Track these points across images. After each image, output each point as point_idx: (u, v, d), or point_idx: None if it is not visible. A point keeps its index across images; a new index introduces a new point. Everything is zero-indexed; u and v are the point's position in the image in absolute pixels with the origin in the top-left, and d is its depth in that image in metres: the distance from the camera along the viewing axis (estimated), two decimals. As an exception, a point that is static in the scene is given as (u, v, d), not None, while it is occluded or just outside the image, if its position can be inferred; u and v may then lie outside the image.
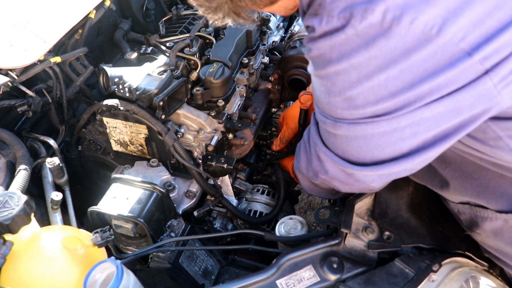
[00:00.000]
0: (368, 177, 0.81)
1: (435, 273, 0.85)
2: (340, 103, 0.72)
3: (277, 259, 0.88)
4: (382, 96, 0.66)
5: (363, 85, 0.66)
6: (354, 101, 0.69)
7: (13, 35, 1.09)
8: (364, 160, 0.78)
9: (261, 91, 1.56)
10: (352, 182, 0.84)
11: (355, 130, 0.74)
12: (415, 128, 0.69)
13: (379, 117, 0.69)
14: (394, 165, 0.76)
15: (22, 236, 0.78)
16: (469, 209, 0.86)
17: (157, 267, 1.03)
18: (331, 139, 0.81)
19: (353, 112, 0.71)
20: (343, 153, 0.81)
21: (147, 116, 1.10)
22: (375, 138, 0.73)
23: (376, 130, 0.71)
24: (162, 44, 1.32)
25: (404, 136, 0.71)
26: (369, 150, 0.76)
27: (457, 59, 0.60)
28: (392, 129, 0.70)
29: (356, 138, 0.75)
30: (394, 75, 0.63)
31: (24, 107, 1.12)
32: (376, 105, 0.68)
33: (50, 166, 1.07)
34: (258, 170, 1.60)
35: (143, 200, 1.05)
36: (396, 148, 0.73)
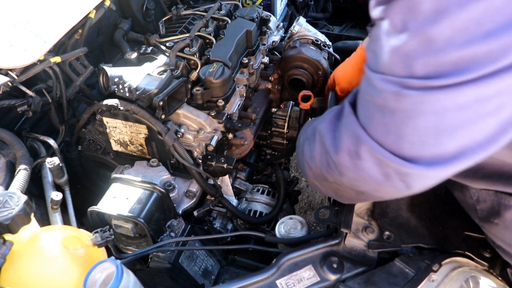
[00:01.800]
0: (424, 179, 0.64)
1: (435, 273, 0.85)
2: (415, 46, 0.53)
3: (277, 259, 0.88)
4: (473, 35, 0.49)
5: (450, 17, 0.49)
6: (434, 42, 0.51)
7: (13, 35, 1.09)
8: (422, 153, 0.60)
9: (261, 91, 1.56)
10: (394, 184, 0.65)
11: (427, 102, 0.55)
12: (503, 98, 0.53)
13: (464, 80, 0.52)
14: (461, 161, 0.59)
15: (22, 236, 0.78)
16: (494, 195, 0.78)
17: (157, 267, 1.03)
18: (384, 120, 0.61)
19: (431, 60, 0.53)
20: (396, 140, 0.61)
21: (147, 116, 1.10)
22: (451, 114, 0.55)
23: (455, 100, 0.54)
24: (162, 44, 1.32)
25: (485, 111, 0.54)
26: (436, 134, 0.58)
27: None
28: (476, 99, 0.53)
29: (425, 115, 0.57)
30: (496, 5, 0.46)
31: (24, 107, 1.12)
32: (463, 49, 0.50)
33: (50, 166, 1.07)
34: (258, 170, 1.60)
35: (143, 200, 1.05)
36: (471, 133, 0.57)
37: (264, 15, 1.52)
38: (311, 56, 1.43)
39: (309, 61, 1.44)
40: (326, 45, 1.57)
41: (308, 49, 1.46)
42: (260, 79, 1.57)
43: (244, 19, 1.44)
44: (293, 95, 1.54)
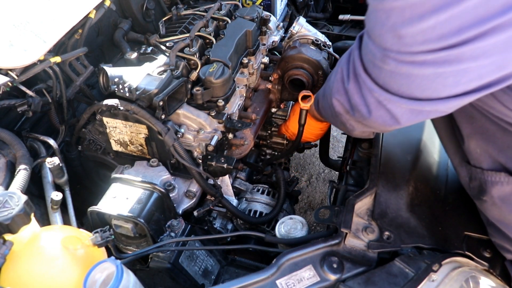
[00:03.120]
0: (401, 109, 0.84)
1: (435, 273, 0.85)
2: (389, 38, 0.74)
3: (277, 259, 0.88)
4: (429, 37, 0.67)
5: (414, 24, 0.67)
6: (403, 38, 0.71)
7: (13, 35, 1.09)
8: (401, 94, 0.81)
9: (261, 91, 1.56)
10: (381, 112, 0.87)
11: (401, 69, 0.76)
12: (459, 78, 0.71)
13: (425, 60, 0.71)
14: (430, 104, 0.79)
15: (22, 236, 0.78)
16: (481, 173, 0.88)
17: (157, 267, 1.03)
18: (375, 70, 0.84)
19: (401, 47, 0.73)
20: (383, 83, 0.83)
21: (147, 116, 1.10)
22: (418, 79, 0.75)
23: (421, 72, 0.73)
24: (162, 44, 1.32)
25: (446, 84, 0.73)
26: (409, 88, 0.79)
27: (510, 6, 0.60)
28: (436, 74, 0.72)
29: (400, 75, 0.78)
30: (444, 18, 0.64)
31: (24, 107, 1.12)
32: (423, 45, 0.69)
33: (50, 166, 1.07)
34: (258, 170, 1.60)
35: (143, 200, 1.05)
36: (435, 92, 0.76)
37: (264, 15, 1.52)
38: (311, 56, 1.43)
39: (309, 61, 1.44)
40: (326, 45, 1.57)
41: (308, 49, 1.46)
42: (260, 79, 1.57)
43: (244, 19, 1.44)
44: (293, 95, 1.54)
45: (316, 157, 2.81)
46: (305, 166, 2.80)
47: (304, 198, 2.58)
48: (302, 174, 2.75)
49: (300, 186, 2.64)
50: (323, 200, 2.57)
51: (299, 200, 2.51)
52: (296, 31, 1.58)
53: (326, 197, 2.52)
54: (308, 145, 1.76)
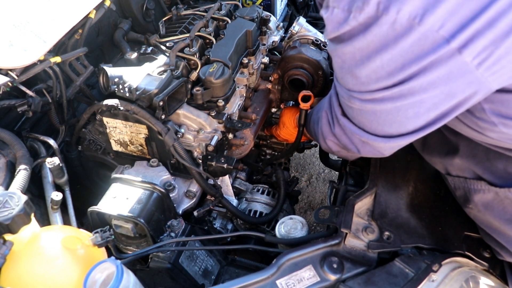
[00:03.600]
0: (381, 147, 0.93)
1: (435, 273, 0.85)
2: (349, 79, 0.83)
3: (277, 259, 0.88)
4: (380, 75, 0.76)
5: (365, 65, 0.76)
6: (359, 78, 0.80)
7: (13, 35, 1.09)
8: (376, 132, 0.90)
9: (261, 91, 1.56)
10: (367, 148, 0.97)
11: (366, 107, 0.84)
12: (417, 109, 0.78)
13: (384, 97, 0.79)
14: (402, 139, 0.88)
15: (22, 236, 0.78)
16: (464, 182, 0.96)
17: (157, 267, 1.03)
18: (349, 110, 0.94)
19: (361, 87, 0.82)
20: (358, 123, 0.93)
21: (147, 116, 1.10)
22: (383, 115, 0.83)
23: (383, 108, 0.81)
24: (162, 44, 1.32)
25: (408, 116, 0.81)
26: (379, 124, 0.87)
27: (438, 45, 0.67)
28: (396, 108, 0.80)
29: (367, 113, 0.86)
30: (388, 58, 0.72)
31: (24, 107, 1.12)
32: (377, 83, 0.77)
33: (50, 166, 1.07)
34: (258, 170, 1.60)
35: (143, 200, 1.05)
36: (402, 126, 0.84)
37: (264, 15, 1.52)
38: (311, 56, 1.43)
39: (309, 61, 1.44)
40: (326, 45, 1.57)
41: (308, 49, 1.46)
42: (260, 79, 1.57)
43: (244, 19, 1.44)
44: (293, 95, 1.54)
45: (316, 157, 2.81)
46: (305, 166, 2.81)
47: (304, 198, 2.58)
48: (302, 174, 2.75)
49: (300, 186, 2.64)
50: (323, 200, 2.57)
51: (299, 200, 2.51)
52: (296, 31, 1.58)
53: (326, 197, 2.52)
54: (308, 145, 1.76)
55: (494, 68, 0.68)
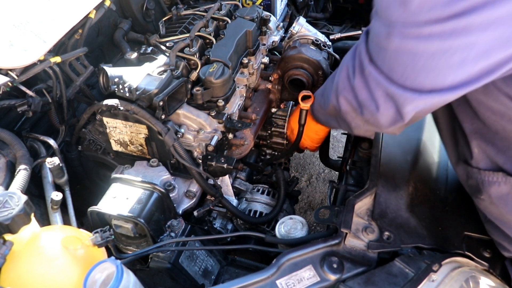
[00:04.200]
0: (405, 105, 0.83)
1: (435, 273, 0.85)
2: (396, 7, 0.72)
3: (277, 259, 0.88)
4: (437, 2, 0.66)
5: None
6: (410, 5, 0.69)
7: (13, 35, 1.09)
8: (406, 82, 0.80)
9: (261, 91, 1.56)
10: (388, 106, 0.86)
11: (406, 45, 0.74)
12: (466, 54, 0.69)
13: (432, 33, 0.69)
14: (433, 96, 0.78)
15: (22, 236, 0.78)
16: (478, 173, 0.89)
17: (157, 267, 1.03)
18: (381, 53, 0.82)
19: (408, 18, 0.71)
20: (389, 70, 0.82)
21: (147, 116, 1.10)
22: (423, 59, 0.73)
23: (427, 48, 0.72)
24: (162, 44, 1.32)
25: (451, 63, 0.71)
26: (414, 71, 0.77)
27: None
28: (442, 51, 0.70)
29: (404, 55, 0.76)
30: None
31: (24, 107, 1.12)
32: (430, 13, 0.68)
33: (50, 166, 1.07)
34: (258, 170, 1.60)
35: (143, 200, 1.05)
36: (440, 76, 0.75)
37: (264, 15, 1.52)
38: (311, 56, 1.43)
39: (309, 61, 1.44)
40: (326, 45, 1.57)
41: (308, 49, 1.47)
42: (260, 79, 1.57)
43: (244, 19, 1.44)
44: (293, 95, 1.54)
45: (316, 157, 2.81)
46: (305, 166, 2.81)
47: (304, 198, 2.58)
48: (302, 174, 2.75)
49: (300, 186, 2.64)
50: (323, 200, 2.57)
51: (299, 200, 2.51)
52: (296, 31, 1.58)
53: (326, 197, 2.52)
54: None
55: None
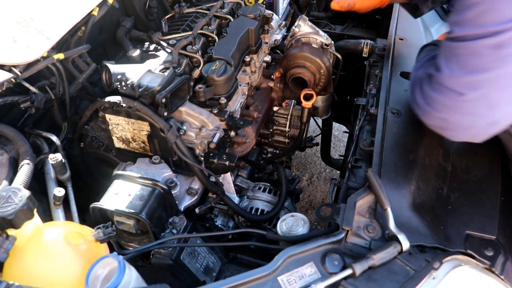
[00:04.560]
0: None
1: (436, 270, 0.85)
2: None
3: (278, 256, 0.88)
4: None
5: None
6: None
7: (17, 32, 1.09)
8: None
9: (263, 89, 1.56)
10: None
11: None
12: None
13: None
14: None
15: (25, 231, 0.79)
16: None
17: (158, 264, 1.04)
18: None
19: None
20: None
21: (149, 113, 1.10)
22: None
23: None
24: (165, 41, 1.32)
25: None
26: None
27: None
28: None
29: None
30: None
31: (27, 104, 1.13)
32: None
33: (52, 162, 1.08)
34: (259, 168, 1.60)
35: (145, 197, 1.05)
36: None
37: (267, 14, 1.52)
38: (313, 55, 1.44)
39: (311, 60, 1.44)
40: (328, 44, 1.57)
41: (310, 48, 1.47)
42: (262, 78, 1.57)
43: (246, 18, 1.44)
44: (295, 94, 1.54)
45: (317, 156, 2.82)
46: (306, 165, 2.81)
47: (305, 197, 2.58)
48: (303, 173, 2.75)
49: (301, 185, 2.64)
50: (324, 199, 2.57)
51: (300, 199, 2.51)
52: (298, 29, 1.58)
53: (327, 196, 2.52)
54: (309, 144, 1.76)
55: None
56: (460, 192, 1.07)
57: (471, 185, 1.10)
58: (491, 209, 1.03)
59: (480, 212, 1.02)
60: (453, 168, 1.15)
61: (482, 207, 1.04)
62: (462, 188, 1.09)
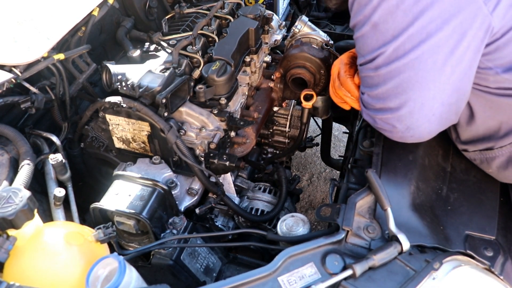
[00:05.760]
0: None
1: (436, 271, 0.85)
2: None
3: (278, 256, 0.88)
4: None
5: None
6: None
7: (17, 32, 1.10)
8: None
9: (263, 89, 1.57)
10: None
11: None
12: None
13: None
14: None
15: (26, 232, 0.79)
16: (479, 154, 1.06)
17: (159, 264, 1.04)
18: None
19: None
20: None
21: (149, 114, 1.10)
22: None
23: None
24: (165, 42, 1.32)
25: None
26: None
27: None
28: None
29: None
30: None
31: (27, 104, 1.13)
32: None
33: (53, 162, 1.08)
34: (259, 168, 1.60)
35: (146, 197, 1.05)
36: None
37: (267, 14, 1.52)
38: (314, 55, 1.44)
39: (311, 60, 1.44)
40: (328, 44, 1.57)
41: (310, 48, 1.47)
42: (262, 78, 1.57)
43: (246, 18, 1.44)
44: (295, 94, 1.54)
45: (317, 156, 2.82)
46: (306, 165, 2.81)
47: (305, 197, 2.58)
48: (303, 173, 2.75)
49: (301, 185, 2.64)
50: (324, 199, 2.57)
51: (300, 199, 2.51)
52: (298, 30, 1.58)
53: (327, 197, 2.52)
54: (309, 144, 1.77)
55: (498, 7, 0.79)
56: (460, 193, 1.07)
57: (471, 185, 1.10)
58: (490, 210, 1.03)
59: (480, 213, 1.02)
60: (453, 168, 1.15)
61: (481, 208, 1.04)
62: (462, 189, 1.09)
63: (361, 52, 1.00)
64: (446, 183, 1.10)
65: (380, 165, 1.13)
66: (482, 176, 1.12)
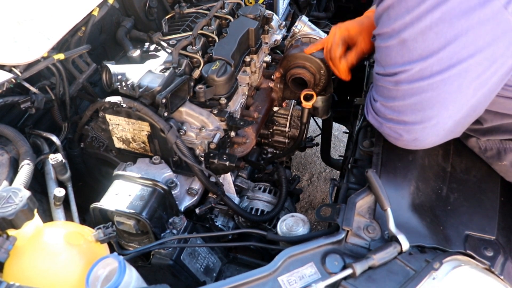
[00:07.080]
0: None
1: (436, 271, 0.85)
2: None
3: (278, 256, 0.88)
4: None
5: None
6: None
7: (17, 32, 1.10)
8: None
9: (263, 89, 1.57)
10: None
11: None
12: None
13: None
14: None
15: (25, 232, 0.79)
16: (499, 143, 1.05)
17: (159, 264, 1.04)
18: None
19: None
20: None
21: (149, 113, 1.10)
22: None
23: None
24: (165, 42, 1.32)
25: None
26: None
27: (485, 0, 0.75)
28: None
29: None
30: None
31: (27, 104, 1.13)
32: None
33: (53, 162, 1.08)
34: (259, 168, 1.60)
35: (145, 197, 1.05)
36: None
37: (267, 14, 1.52)
38: (314, 55, 1.44)
39: (311, 60, 1.44)
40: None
41: (310, 48, 1.46)
42: (262, 78, 1.57)
43: (246, 18, 1.44)
44: (295, 94, 1.54)
45: (317, 156, 2.82)
46: (306, 165, 2.81)
47: (305, 197, 2.58)
48: (303, 173, 2.75)
49: (301, 185, 2.64)
50: (324, 199, 2.57)
51: (300, 199, 2.51)
52: (298, 30, 1.58)
53: (327, 197, 2.52)
54: (309, 144, 1.77)
55: None
56: (460, 193, 1.07)
57: (471, 185, 1.10)
58: (490, 210, 1.03)
59: (480, 213, 1.02)
60: (453, 168, 1.15)
61: (481, 208, 1.04)
62: (462, 189, 1.09)
63: (382, 63, 0.98)
64: (446, 183, 1.10)
65: (380, 165, 1.13)
66: (482, 176, 1.12)
